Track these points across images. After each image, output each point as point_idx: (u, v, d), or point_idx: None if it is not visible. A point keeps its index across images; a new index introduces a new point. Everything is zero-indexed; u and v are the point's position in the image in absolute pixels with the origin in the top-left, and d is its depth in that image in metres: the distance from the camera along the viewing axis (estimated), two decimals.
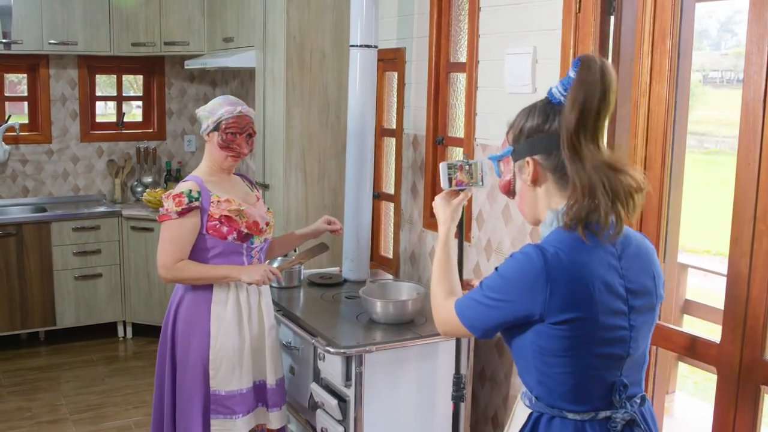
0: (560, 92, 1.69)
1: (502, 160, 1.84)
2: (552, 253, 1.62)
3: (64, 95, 5.88)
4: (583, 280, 1.62)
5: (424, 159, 3.84)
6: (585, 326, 1.63)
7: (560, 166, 1.69)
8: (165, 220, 2.89)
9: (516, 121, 1.79)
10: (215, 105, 3.02)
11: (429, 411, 3.14)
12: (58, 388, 4.87)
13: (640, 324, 1.73)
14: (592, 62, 1.62)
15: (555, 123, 1.69)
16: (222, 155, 2.97)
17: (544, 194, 1.75)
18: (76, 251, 5.44)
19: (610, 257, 1.68)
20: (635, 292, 1.71)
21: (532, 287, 1.62)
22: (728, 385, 2.41)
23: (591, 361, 1.67)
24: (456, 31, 3.68)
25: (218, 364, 2.96)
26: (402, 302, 3.16)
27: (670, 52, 2.56)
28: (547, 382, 1.71)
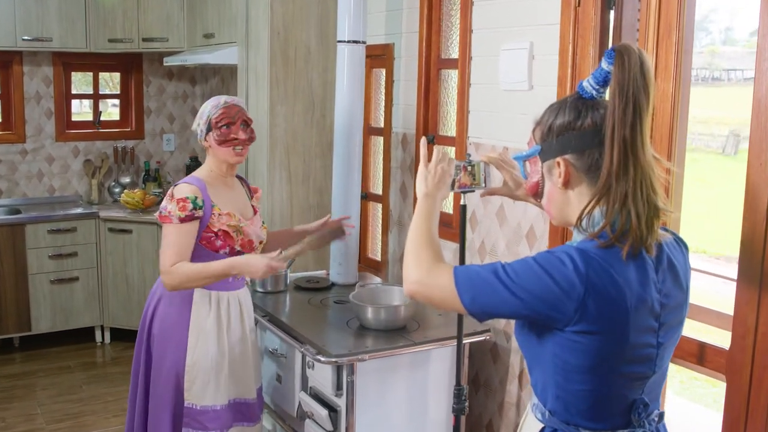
0: (592, 86, 1.57)
1: (528, 161, 1.70)
2: (596, 266, 1.49)
3: (39, 93, 5.70)
4: (621, 297, 1.49)
5: (414, 158, 3.73)
6: (613, 343, 1.52)
7: (594, 166, 1.56)
8: (166, 223, 2.76)
9: (544, 117, 1.65)
10: (202, 108, 2.92)
11: (422, 420, 3.03)
12: (34, 396, 4.70)
13: (668, 341, 1.62)
14: (631, 52, 1.49)
15: (588, 119, 1.56)
16: (225, 151, 2.84)
17: (577, 197, 1.61)
18: (51, 254, 5.28)
19: (649, 270, 1.56)
20: (668, 308, 1.60)
21: (567, 292, 1.48)
22: (738, 394, 2.32)
23: (615, 379, 1.56)
24: (447, 26, 3.57)
25: (194, 376, 2.84)
26: (394, 308, 3.05)
27: (676, 47, 2.46)
28: (565, 398, 1.60)
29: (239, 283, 2.97)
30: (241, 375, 2.96)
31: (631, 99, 1.47)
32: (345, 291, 3.55)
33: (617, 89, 1.48)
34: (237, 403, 2.96)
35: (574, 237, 1.63)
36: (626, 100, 1.47)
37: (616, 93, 1.48)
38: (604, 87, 1.56)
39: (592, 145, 1.55)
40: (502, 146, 3.13)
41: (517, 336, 1.68)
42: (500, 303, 1.54)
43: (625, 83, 1.48)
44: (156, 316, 2.89)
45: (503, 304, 1.54)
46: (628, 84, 1.48)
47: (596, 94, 1.57)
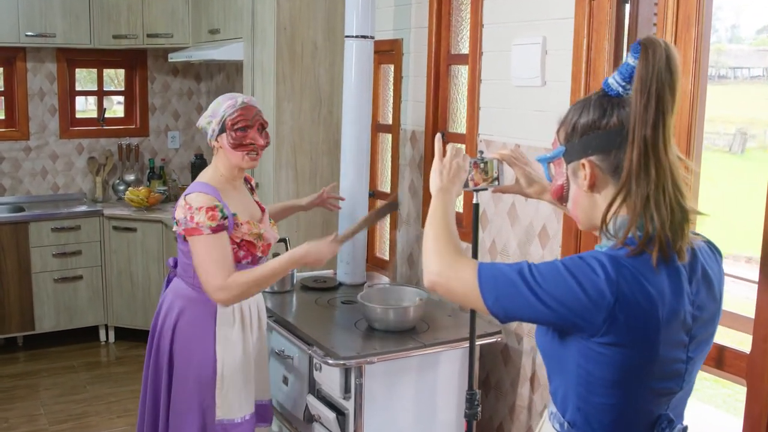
0: (618, 83, 1.49)
1: (552, 163, 1.61)
2: (627, 276, 1.40)
3: (42, 90, 5.65)
4: (652, 310, 1.41)
5: (423, 156, 3.66)
6: (642, 357, 1.44)
7: (621, 167, 1.47)
8: (196, 235, 2.57)
9: (568, 117, 1.57)
10: (214, 105, 2.74)
11: (431, 423, 2.97)
12: (37, 396, 4.66)
13: (698, 355, 1.53)
14: (657, 45, 1.41)
15: (614, 118, 1.48)
16: (238, 156, 2.68)
17: (604, 200, 1.51)
18: (55, 252, 5.23)
19: (682, 280, 1.46)
20: (701, 321, 1.51)
21: (596, 301, 1.39)
22: (760, 400, 2.25)
23: (641, 394, 1.48)
24: (457, 21, 3.50)
25: (226, 390, 2.71)
26: (403, 309, 2.98)
27: (696, 42, 2.39)
28: (586, 410, 1.53)
29: None
30: (259, 377, 2.90)
31: (654, 95, 1.40)
32: (353, 291, 3.48)
33: (639, 85, 1.41)
34: (258, 405, 2.89)
35: (603, 243, 1.54)
36: (648, 96, 1.40)
37: (638, 89, 1.41)
38: (630, 83, 1.47)
39: (618, 145, 1.47)
40: (513, 143, 3.06)
41: (538, 341, 1.61)
42: (524, 307, 1.47)
43: (648, 78, 1.40)
44: (178, 332, 2.73)
45: (527, 308, 1.46)
46: (651, 79, 1.40)
47: (622, 91, 1.49)
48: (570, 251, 2.81)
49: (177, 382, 2.75)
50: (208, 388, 2.72)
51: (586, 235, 2.76)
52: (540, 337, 1.60)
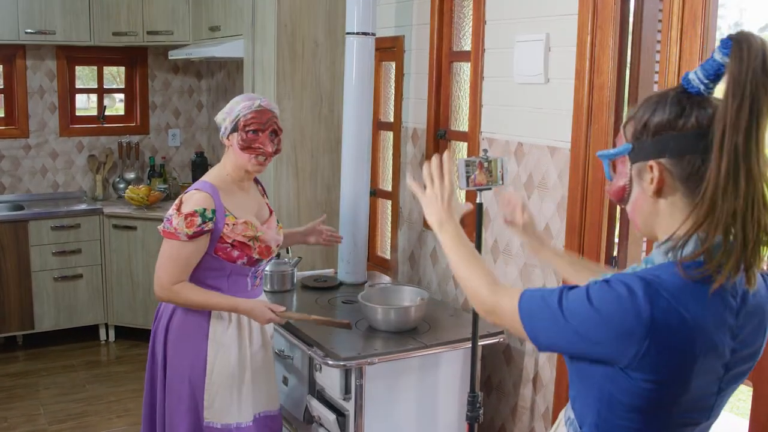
0: (701, 80, 1.34)
1: (616, 160, 1.46)
2: (663, 306, 1.28)
3: (42, 87, 5.62)
4: (689, 344, 1.30)
5: (425, 154, 3.62)
6: (672, 391, 1.34)
7: (695, 175, 1.34)
8: (170, 239, 2.60)
9: (639, 112, 1.41)
10: (232, 103, 2.71)
11: (432, 425, 2.94)
12: (37, 395, 4.62)
13: (730, 387, 1.43)
14: (753, 42, 1.26)
15: (692, 119, 1.33)
16: (245, 158, 2.66)
17: (669, 209, 1.39)
18: (55, 251, 5.19)
19: (728, 313, 1.34)
20: (741, 355, 1.39)
21: (626, 336, 1.29)
22: (766, 402, 2.21)
23: (665, 423, 1.40)
24: (459, 18, 3.46)
25: (214, 392, 2.69)
26: (404, 309, 2.95)
27: (702, 39, 2.35)
28: (606, 429, 1.45)
29: (259, 290, 2.85)
30: (264, 386, 2.84)
31: (748, 98, 1.24)
32: (353, 291, 3.45)
33: (732, 86, 1.26)
34: (263, 418, 2.84)
35: (652, 255, 1.42)
36: (742, 99, 1.24)
37: (730, 90, 1.26)
38: (715, 82, 1.34)
39: (694, 150, 1.33)
40: (516, 141, 3.03)
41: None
42: (554, 341, 1.42)
43: (741, 79, 1.25)
44: (171, 327, 2.72)
45: (557, 343, 1.41)
46: (745, 80, 1.25)
47: (704, 89, 1.35)
48: (573, 250, 2.77)
49: (170, 381, 2.73)
50: (199, 388, 2.70)
51: (590, 235, 2.73)
52: None
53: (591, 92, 2.68)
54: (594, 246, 2.71)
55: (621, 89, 2.68)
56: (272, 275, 3.43)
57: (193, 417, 2.70)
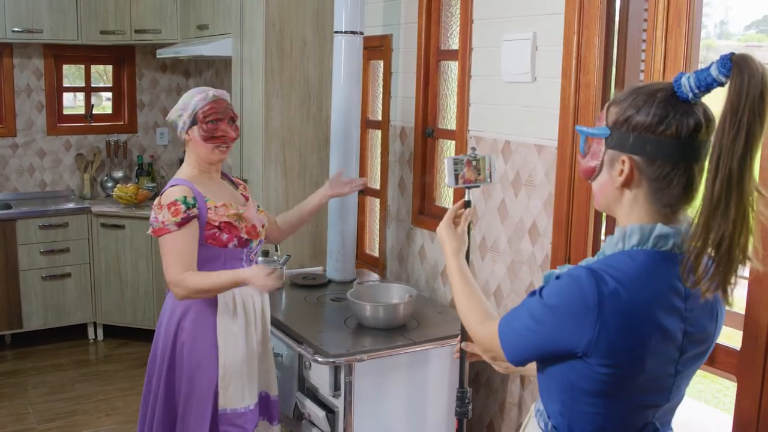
0: (691, 88, 1.37)
1: (592, 139, 1.50)
2: (610, 290, 1.36)
3: (30, 86, 5.61)
4: (638, 326, 1.37)
5: (413, 152, 3.64)
6: (627, 374, 1.41)
7: (662, 179, 1.41)
8: (163, 234, 2.60)
9: (624, 102, 1.44)
10: (185, 99, 2.74)
11: (421, 421, 2.96)
12: (25, 394, 4.62)
13: (687, 369, 1.50)
14: (754, 70, 1.28)
15: (672, 128, 1.38)
16: (209, 148, 2.69)
17: (630, 202, 1.46)
18: (43, 250, 5.19)
19: (676, 297, 1.42)
20: (693, 339, 1.46)
21: (578, 322, 1.37)
22: (750, 395, 2.24)
23: (626, 406, 1.47)
24: (447, 17, 3.48)
25: (228, 381, 2.71)
26: (393, 306, 2.97)
27: (686, 38, 2.38)
28: (570, 417, 1.51)
29: None
30: (264, 368, 2.88)
31: (744, 127, 1.27)
32: (342, 288, 3.47)
33: (730, 113, 1.29)
34: (263, 397, 2.89)
35: (603, 247, 1.50)
36: (739, 127, 1.27)
37: (728, 117, 1.29)
38: (704, 93, 1.38)
39: (667, 157, 1.39)
40: (504, 140, 3.05)
41: None
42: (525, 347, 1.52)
43: (740, 107, 1.28)
44: (182, 331, 2.72)
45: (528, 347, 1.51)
46: (744, 109, 1.27)
47: (692, 97, 1.38)
48: (560, 247, 2.80)
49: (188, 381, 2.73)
50: (213, 379, 2.72)
51: (576, 232, 2.75)
52: None
53: (577, 91, 2.71)
54: (581, 242, 2.74)
55: (607, 88, 2.70)
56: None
57: (212, 408, 2.72)
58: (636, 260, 1.40)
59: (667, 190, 1.41)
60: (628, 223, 1.47)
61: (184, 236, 2.60)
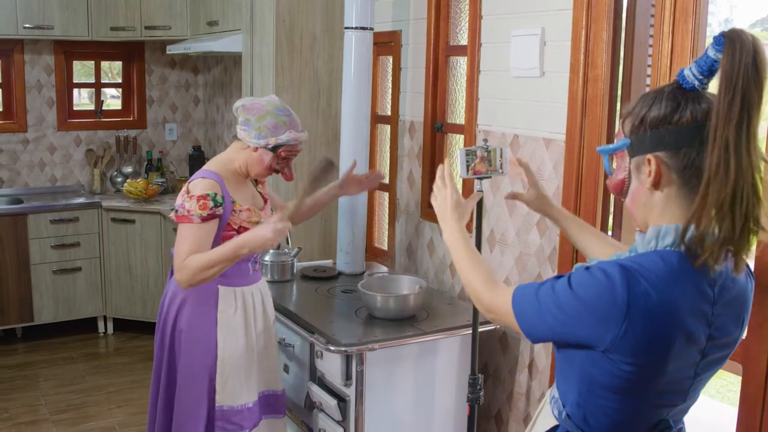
0: (695, 76, 1.40)
1: (615, 155, 1.52)
2: (641, 290, 1.35)
3: (40, 82, 5.66)
4: (665, 329, 1.37)
5: (422, 146, 3.69)
6: (648, 374, 1.42)
7: (690, 167, 1.40)
8: (185, 222, 2.63)
9: (636, 107, 1.47)
10: (278, 123, 2.71)
11: (430, 409, 3.01)
12: (37, 387, 4.68)
13: (707, 373, 1.51)
14: (744, 39, 1.31)
15: (687, 113, 1.39)
16: (265, 172, 2.78)
17: (662, 201, 1.45)
18: (54, 244, 5.24)
19: (704, 302, 1.41)
20: (717, 343, 1.46)
21: (605, 319, 1.37)
22: (755, 383, 2.29)
23: (643, 404, 1.48)
24: (456, 13, 3.52)
25: (226, 376, 2.76)
26: (403, 297, 3.02)
27: (693, 33, 2.42)
28: (585, 407, 1.53)
29: (258, 275, 2.92)
30: (267, 366, 2.92)
31: (740, 93, 1.30)
32: (352, 280, 3.52)
33: (724, 81, 1.31)
34: (266, 396, 2.93)
35: (636, 244, 1.50)
36: (734, 93, 1.30)
37: (723, 85, 1.32)
38: (709, 77, 1.40)
39: (689, 143, 1.39)
40: (512, 134, 3.09)
41: None
42: (544, 332, 1.51)
43: (733, 74, 1.30)
44: (181, 318, 2.77)
45: (547, 333, 1.50)
46: (737, 75, 1.30)
47: (698, 84, 1.41)
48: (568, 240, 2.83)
49: (182, 370, 2.78)
50: (211, 374, 2.76)
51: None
52: None
53: (585, 85, 2.75)
54: None
55: (614, 82, 2.75)
56: (272, 265, 3.49)
57: (206, 403, 2.76)
58: (667, 262, 1.40)
59: (697, 179, 1.39)
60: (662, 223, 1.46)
61: (204, 231, 2.63)
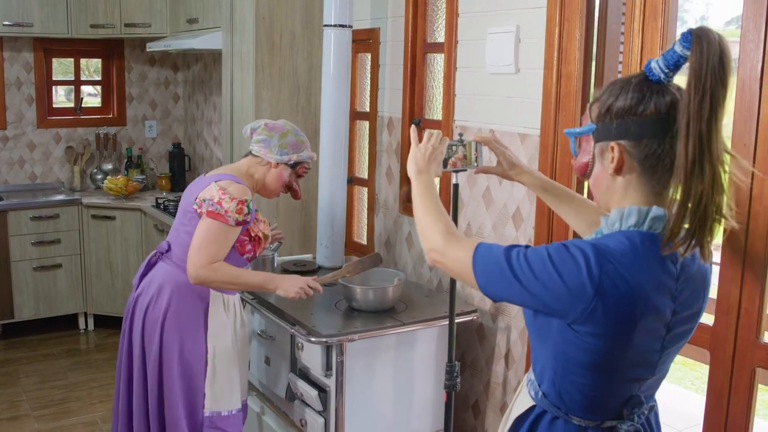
0: (661, 69, 1.47)
1: (581, 138, 1.61)
2: (611, 268, 1.43)
3: (20, 79, 5.66)
4: (632, 303, 1.45)
5: (400, 142, 3.75)
6: (616, 346, 1.49)
7: (651, 157, 1.48)
8: (218, 221, 2.67)
9: (603, 96, 1.55)
10: (298, 141, 2.89)
11: (409, 398, 3.07)
12: (18, 383, 4.70)
13: (673, 346, 1.59)
14: (711, 38, 1.38)
15: (651, 106, 1.46)
16: (278, 189, 2.91)
17: (623, 186, 1.53)
18: (34, 241, 5.26)
19: (668, 278, 1.49)
20: (681, 316, 1.55)
21: (576, 294, 1.44)
22: (722, 369, 2.37)
23: (614, 378, 1.56)
24: (433, 10, 3.59)
25: (213, 381, 2.82)
26: (382, 289, 3.07)
27: (662, 31, 2.50)
28: (561, 385, 1.61)
29: None
30: (245, 373, 3.00)
31: (708, 91, 1.37)
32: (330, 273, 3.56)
33: (693, 79, 1.38)
34: (243, 405, 3.00)
35: (600, 227, 1.58)
36: (703, 92, 1.37)
37: (692, 83, 1.38)
38: (674, 71, 1.47)
39: (651, 134, 1.47)
40: (488, 129, 3.16)
41: (524, 312, 1.67)
42: (511, 293, 1.54)
43: (702, 73, 1.37)
44: (168, 319, 2.79)
45: (514, 295, 1.54)
46: (705, 75, 1.37)
47: (664, 77, 1.47)
48: (542, 233, 2.91)
49: (167, 372, 2.81)
50: (198, 379, 2.81)
51: (558, 217, 2.86)
52: (525, 310, 1.65)
53: (559, 81, 2.82)
54: (562, 227, 2.86)
55: (587, 78, 2.82)
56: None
57: (191, 407, 2.82)
58: (632, 241, 1.48)
59: (657, 167, 1.48)
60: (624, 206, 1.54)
61: (233, 234, 2.71)
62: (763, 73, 2.20)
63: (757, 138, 2.23)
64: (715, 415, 2.40)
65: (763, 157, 2.22)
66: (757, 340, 2.28)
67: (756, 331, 2.28)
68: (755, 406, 2.36)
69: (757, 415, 2.39)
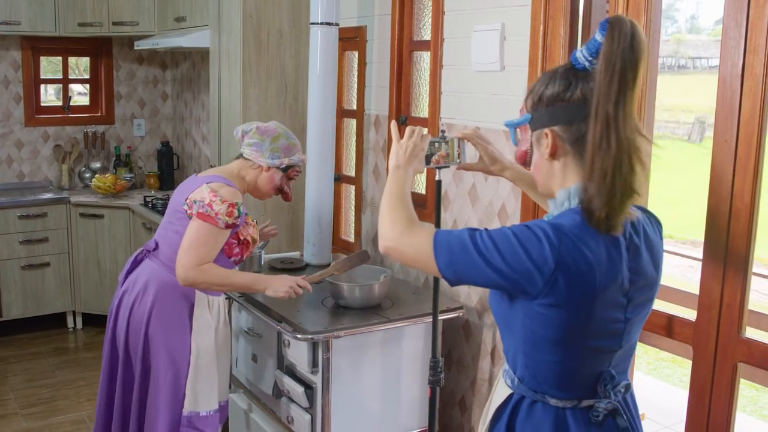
0: (585, 57, 1.56)
1: (519, 128, 1.70)
2: (569, 245, 1.51)
3: (7, 78, 5.65)
4: (591, 275, 1.52)
5: (387, 140, 3.76)
6: (580, 317, 1.55)
7: (581, 140, 1.56)
8: (207, 222, 2.67)
9: (535, 87, 1.64)
10: (290, 144, 2.90)
11: (396, 395, 3.08)
12: (6, 382, 4.69)
13: (636, 316, 1.65)
14: (623, 24, 1.47)
15: (578, 92, 1.56)
16: (270, 192, 2.91)
17: (561, 169, 1.62)
18: (22, 240, 5.25)
19: (620, 248, 1.58)
20: (638, 285, 1.62)
21: (539, 266, 1.50)
22: (704, 363, 2.39)
23: (582, 352, 1.61)
24: (419, 8, 3.60)
25: (194, 381, 2.83)
26: (369, 286, 3.08)
27: (645, 28, 2.52)
28: (534, 367, 1.65)
29: None
30: (224, 377, 3.00)
31: (618, 73, 1.46)
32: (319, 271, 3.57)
33: (604, 62, 1.47)
34: (222, 406, 3.01)
35: (550, 211, 1.66)
36: (612, 73, 1.46)
37: (603, 66, 1.47)
38: (597, 58, 1.54)
39: (579, 118, 1.56)
40: (474, 126, 3.17)
41: (490, 303, 1.72)
42: (475, 272, 1.57)
43: (612, 56, 1.46)
44: (153, 319, 2.80)
45: (478, 273, 1.57)
46: (615, 57, 1.46)
47: (588, 65, 1.56)
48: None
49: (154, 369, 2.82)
50: (181, 378, 2.82)
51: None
52: (492, 300, 1.71)
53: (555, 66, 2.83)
54: None
55: None
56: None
57: (174, 406, 2.83)
58: (582, 216, 1.55)
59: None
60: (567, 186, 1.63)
61: (222, 236, 2.72)
62: (744, 69, 2.22)
63: (738, 134, 2.25)
64: (697, 409, 2.42)
65: (744, 153, 2.24)
66: (739, 335, 2.30)
67: (738, 326, 2.30)
68: (737, 400, 2.38)
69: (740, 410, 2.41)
